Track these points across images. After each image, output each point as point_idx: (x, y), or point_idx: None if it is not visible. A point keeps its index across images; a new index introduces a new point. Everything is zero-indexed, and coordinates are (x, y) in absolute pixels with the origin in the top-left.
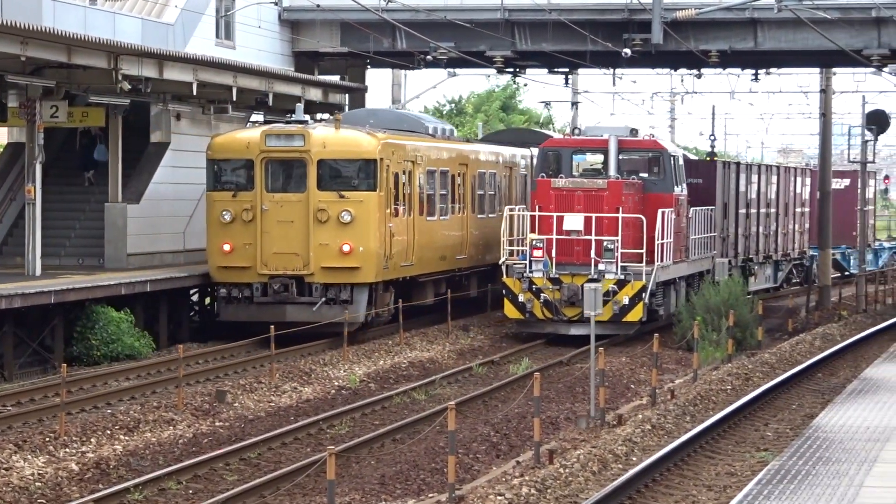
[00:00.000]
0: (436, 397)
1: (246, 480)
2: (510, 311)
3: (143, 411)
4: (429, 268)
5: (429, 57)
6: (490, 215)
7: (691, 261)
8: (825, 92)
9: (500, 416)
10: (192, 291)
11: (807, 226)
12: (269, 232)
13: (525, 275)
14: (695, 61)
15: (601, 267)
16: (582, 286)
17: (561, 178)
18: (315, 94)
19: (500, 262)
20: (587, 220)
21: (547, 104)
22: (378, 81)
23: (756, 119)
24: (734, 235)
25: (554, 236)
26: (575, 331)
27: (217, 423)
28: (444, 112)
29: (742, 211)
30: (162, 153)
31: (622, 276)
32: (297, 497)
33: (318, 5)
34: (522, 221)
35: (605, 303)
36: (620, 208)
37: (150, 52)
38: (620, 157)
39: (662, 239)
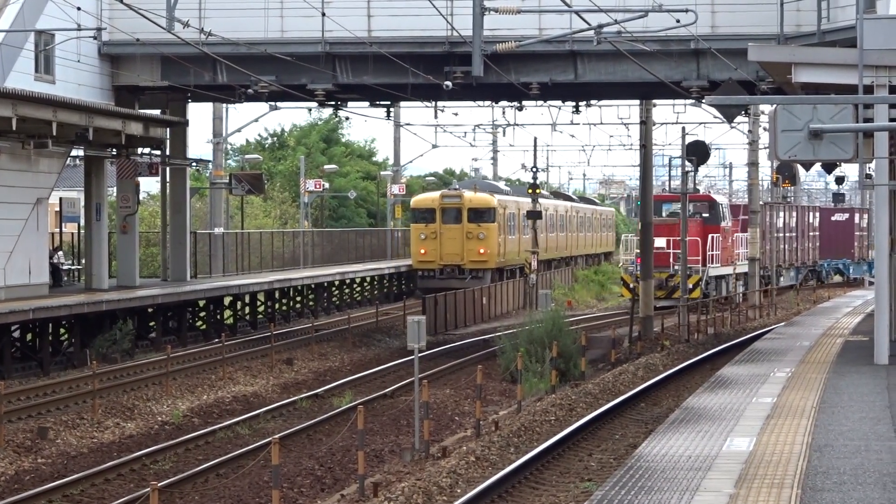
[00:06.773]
0: (260, 431)
1: None
2: (624, 292)
3: None
4: (508, 262)
5: (250, 90)
6: (525, 236)
7: (736, 265)
8: (645, 123)
9: (325, 450)
10: (14, 328)
11: (817, 244)
12: (443, 244)
13: (633, 272)
14: (516, 93)
15: (676, 268)
16: (666, 279)
17: (655, 218)
18: (136, 129)
19: (619, 264)
20: (667, 241)
21: None
22: (200, 115)
23: (578, 150)
24: (771, 251)
25: None
26: (661, 303)
27: (39, 460)
28: (267, 145)
29: (779, 235)
30: None
31: (688, 273)
32: None
33: (137, 39)
34: (629, 244)
35: (677, 289)
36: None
37: None
38: (691, 204)
39: (711, 251)
